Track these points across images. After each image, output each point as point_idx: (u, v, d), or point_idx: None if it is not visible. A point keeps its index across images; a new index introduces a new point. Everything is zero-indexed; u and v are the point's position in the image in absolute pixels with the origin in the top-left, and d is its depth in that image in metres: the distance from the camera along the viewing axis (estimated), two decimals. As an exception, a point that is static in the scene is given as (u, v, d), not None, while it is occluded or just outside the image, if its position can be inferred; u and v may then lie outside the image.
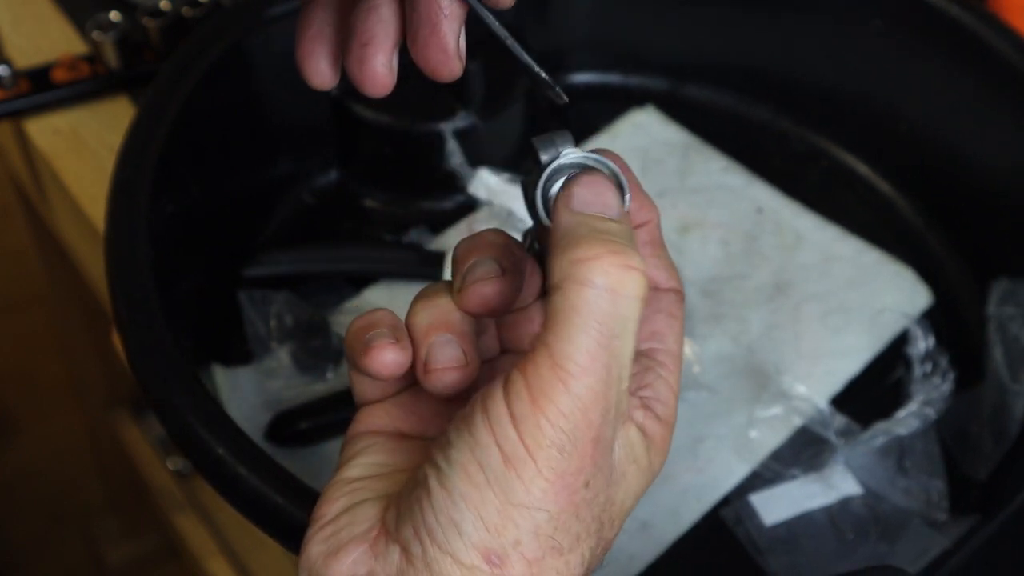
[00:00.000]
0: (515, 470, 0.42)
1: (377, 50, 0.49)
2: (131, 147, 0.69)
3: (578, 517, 0.43)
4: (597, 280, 0.42)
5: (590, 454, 0.43)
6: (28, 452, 1.56)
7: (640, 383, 0.48)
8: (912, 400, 0.68)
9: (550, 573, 0.43)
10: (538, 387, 0.42)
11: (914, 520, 0.66)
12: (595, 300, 0.42)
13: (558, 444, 0.42)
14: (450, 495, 0.43)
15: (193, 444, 0.56)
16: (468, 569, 0.42)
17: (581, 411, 0.42)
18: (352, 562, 0.44)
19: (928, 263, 0.80)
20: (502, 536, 0.42)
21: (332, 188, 0.84)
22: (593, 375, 0.42)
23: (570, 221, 0.44)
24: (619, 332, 0.43)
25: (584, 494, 0.43)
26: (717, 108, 0.89)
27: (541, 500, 0.42)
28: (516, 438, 0.42)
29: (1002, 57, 0.76)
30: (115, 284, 0.63)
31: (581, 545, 0.44)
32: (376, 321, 0.48)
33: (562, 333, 0.42)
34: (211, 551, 1.18)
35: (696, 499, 0.68)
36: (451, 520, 0.42)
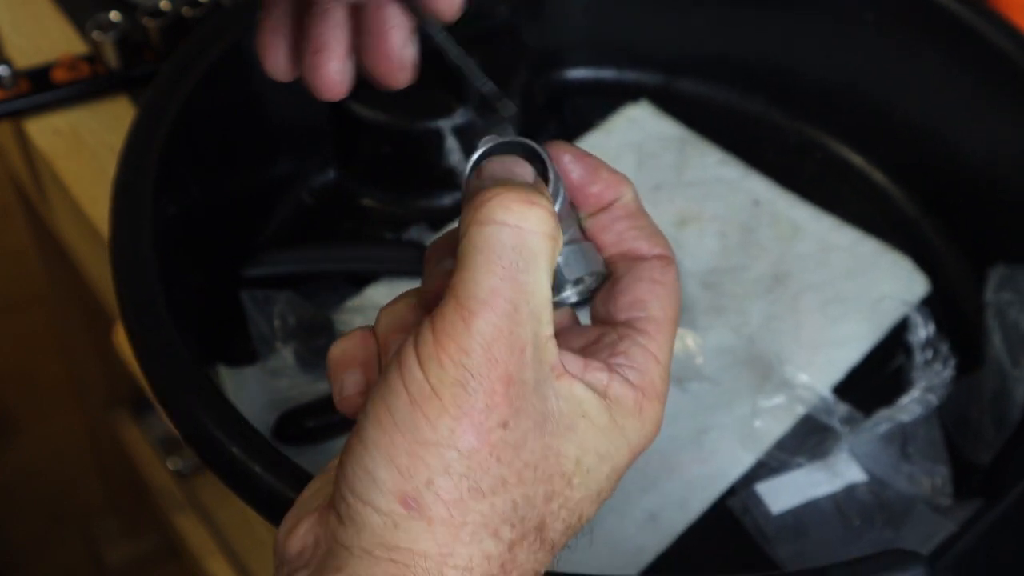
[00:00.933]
0: (420, 409, 0.42)
1: (329, 57, 0.50)
2: (133, 147, 0.69)
3: (499, 460, 0.43)
4: (497, 216, 0.43)
5: (500, 392, 0.43)
6: (28, 452, 1.56)
7: (613, 351, 0.48)
8: (914, 387, 0.69)
9: (473, 515, 0.43)
10: (441, 327, 0.43)
11: (919, 505, 0.67)
12: (496, 235, 0.43)
13: (461, 381, 0.42)
14: (363, 444, 0.43)
15: (206, 443, 0.56)
16: (387, 515, 0.43)
17: (483, 347, 0.42)
18: (303, 533, 0.45)
19: (924, 252, 0.81)
20: (414, 477, 0.42)
21: (331, 187, 0.84)
22: (495, 310, 0.43)
23: (478, 186, 0.45)
24: (525, 267, 0.43)
25: (502, 435, 0.43)
26: (711, 102, 0.90)
27: (448, 438, 0.42)
28: (422, 378, 0.42)
29: (994, 46, 0.76)
30: (121, 285, 0.63)
31: (510, 490, 0.43)
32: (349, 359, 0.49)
33: (465, 274, 0.43)
34: (211, 551, 1.18)
35: (703, 490, 0.69)
36: (365, 469, 0.43)
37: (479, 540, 0.43)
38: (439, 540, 0.43)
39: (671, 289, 0.50)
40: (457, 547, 0.43)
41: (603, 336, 0.49)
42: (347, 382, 0.49)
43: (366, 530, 0.43)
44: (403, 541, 0.43)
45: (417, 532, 0.43)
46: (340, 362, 0.49)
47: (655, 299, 0.49)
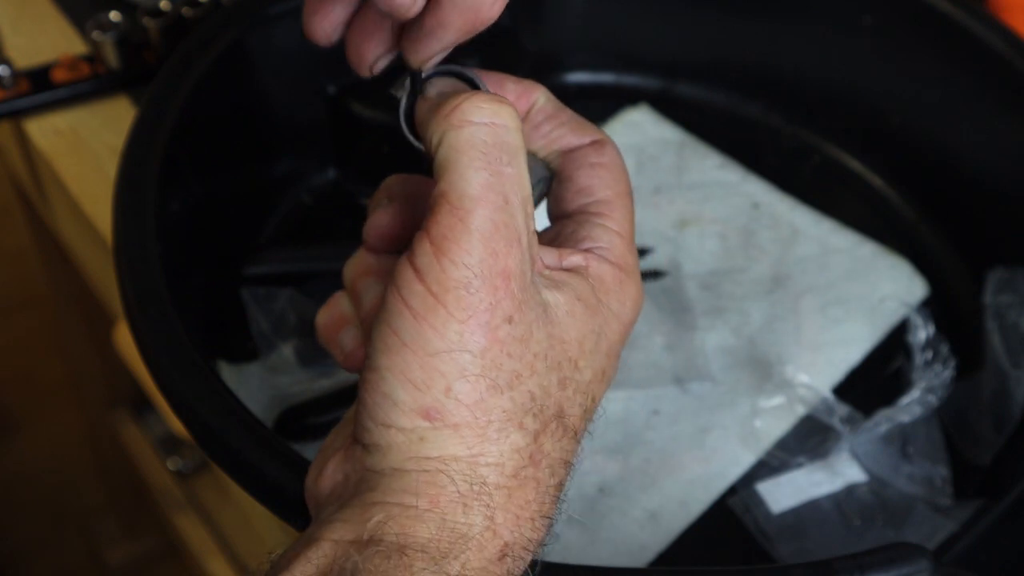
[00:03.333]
0: (426, 320, 0.43)
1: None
2: (136, 144, 0.69)
3: (510, 355, 0.44)
4: (473, 116, 0.44)
5: (503, 287, 0.43)
6: (28, 452, 1.56)
7: (577, 237, 0.49)
8: (914, 387, 0.69)
9: (496, 412, 0.44)
10: (438, 234, 0.43)
11: (919, 505, 0.67)
12: (476, 134, 0.44)
13: (464, 282, 0.43)
14: (377, 371, 0.44)
15: (210, 435, 0.56)
16: (412, 432, 0.43)
17: (483, 242, 0.43)
18: (331, 472, 0.46)
19: (923, 255, 0.81)
20: (432, 389, 0.43)
21: (331, 187, 0.84)
22: (490, 204, 0.43)
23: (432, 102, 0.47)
24: (508, 160, 0.44)
25: (509, 330, 0.43)
26: (710, 106, 0.90)
27: (459, 342, 0.43)
28: (422, 290, 0.43)
29: (992, 50, 0.77)
30: (124, 277, 0.63)
31: (525, 382, 0.44)
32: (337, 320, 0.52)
33: (452, 176, 0.43)
34: (211, 551, 1.19)
35: (704, 489, 0.69)
36: (383, 394, 0.43)
37: (506, 435, 0.44)
38: (468, 442, 0.43)
39: (612, 167, 0.50)
40: (486, 446, 0.43)
41: (561, 230, 0.49)
42: (344, 340, 0.50)
43: (393, 450, 0.43)
44: (432, 451, 0.43)
45: (444, 440, 0.43)
46: (329, 326, 0.51)
47: (598, 181, 0.50)
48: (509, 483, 0.44)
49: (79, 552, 1.53)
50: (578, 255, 0.48)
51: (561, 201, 0.51)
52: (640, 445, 0.70)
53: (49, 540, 1.54)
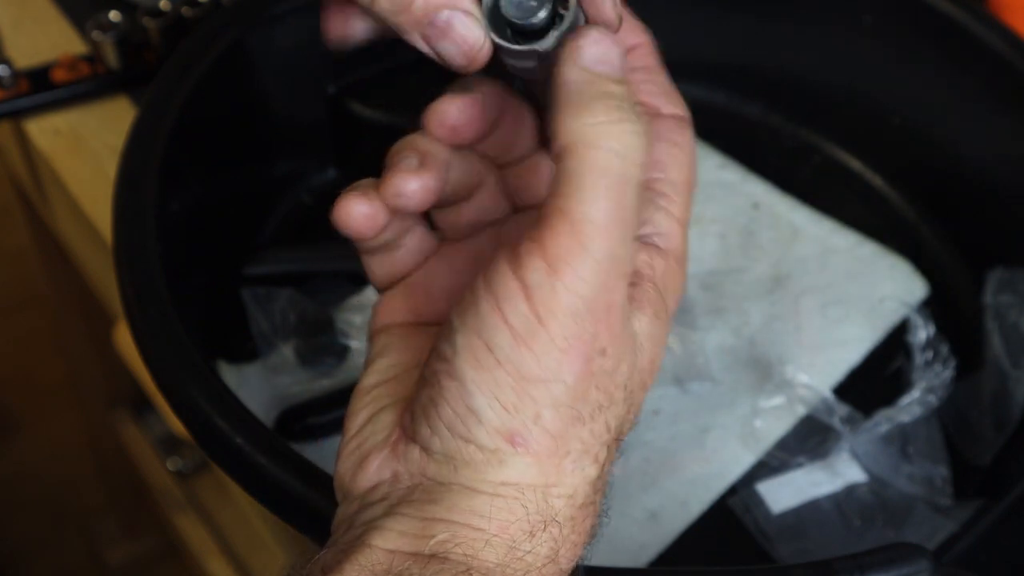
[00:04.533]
0: (526, 343, 0.41)
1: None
2: (136, 144, 0.69)
3: (598, 387, 0.43)
4: (611, 144, 0.42)
5: (604, 320, 0.42)
6: (28, 452, 1.56)
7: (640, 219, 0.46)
8: (914, 387, 0.69)
9: (575, 443, 0.43)
10: (555, 253, 0.41)
11: (919, 505, 0.67)
12: (607, 162, 0.42)
13: (572, 310, 0.41)
14: (463, 384, 0.42)
15: (210, 435, 0.56)
16: (492, 453, 0.42)
17: (600, 274, 0.41)
18: (376, 468, 0.44)
19: (923, 255, 0.81)
20: (521, 414, 0.42)
21: (331, 187, 0.84)
22: (612, 237, 0.41)
23: (579, 79, 0.43)
24: (632, 194, 0.42)
25: (601, 363, 0.42)
26: (710, 106, 0.90)
27: (556, 371, 0.41)
28: (527, 311, 0.41)
29: (992, 50, 0.77)
30: (124, 276, 0.63)
31: (604, 413, 0.43)
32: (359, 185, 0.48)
33: (577, 195, 0.41)
34: (211, 551, 1.19)
35: (704, 489, 0.69)
36: (468, 408, 0.42)
37: (582, 468, 0.43)
38: (546, 472, 0.42)
39: (688, 151, 0.48)
40: (562, 477, 0.43)
41: None
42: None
43: (468, 467, 0.42)
44: (510, 476, 0.42)
45: (524, 467, 0.42)
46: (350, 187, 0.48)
47: (674, 161, 0.48)
48: (576, 514, 0.43)
49: (79, 552, 1.53)
50: (640, 253, 0.46)
51: None
52: (640, 445, 0.70)
53: (49, 540, 1.54)
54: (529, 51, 0.46)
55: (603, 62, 0.44)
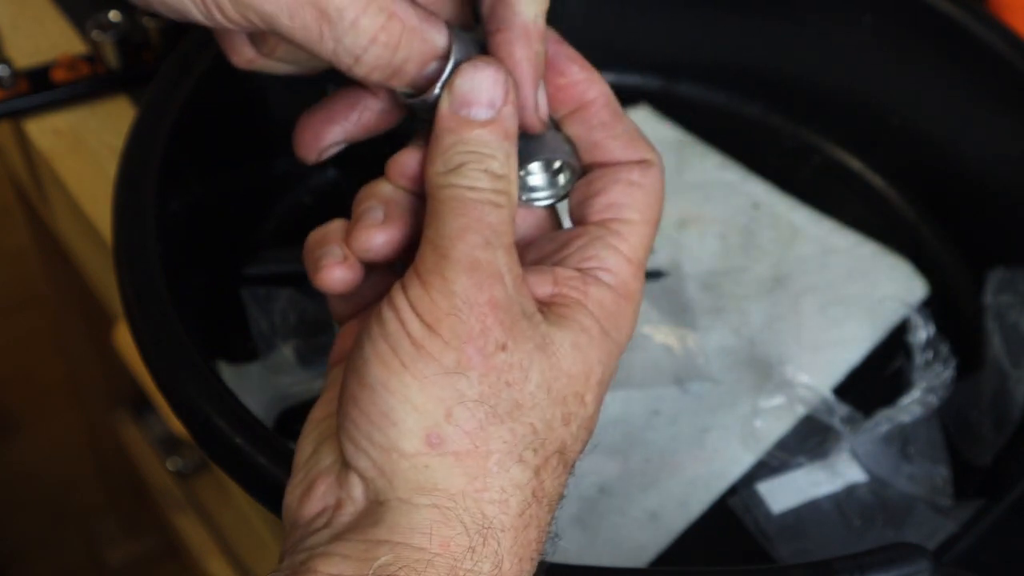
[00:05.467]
0: (423, 348, 0.43)
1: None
2: (136, 144, 0.69)
3: (508, 384, 0.44)
4: (458, 181, 0.46)
5: (491, 315, 0.44)
6: (28, 452, 1.56)
7: (584, 255, 0.49)
8: (914, 387, 0.69)
9: (495, 443, 0.43)
10: (423, 268, 0.45)
11: (919, 505, 0.67)
12: (458, 195, 0.46)
13: (453, 310, 0.44)
14: (373, 389, 0.44)
15: (210, 434, 0.56)
16: (414, 457, 0.43)
17: (465, 273, 0.44)
18: (321, 495, 0.45)
19: (923, 255, 0.81)
20: (432, 412, 0.43)
21: (330, 187, 0.84)
22: (468, 242, 0.45)
23: (443, 125, 0.47)
24: (490, 211, 0.46)
25: (504, 358, 0.44)
26: (710, 106, 0.90)
27: (456, 367, 0.43)
28: (418, 321, 0.44)
29: (992, 50, 0.77)
30: (124, 274, 0.63)
31: (526, 414, 0.44)
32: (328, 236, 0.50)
33: (437, 224, 0.45)
34: (211, 551, 1.19)
35: (704, 489, 0.69)
36: (382, 414, 0.43)
37: (506, 469, 0.44)
38: (470, 473, 0.43)
39: (649, 191, 0.50)
40: (488, 479, 0.43)
41: (574, 239, 0.49)
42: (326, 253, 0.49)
43: (398, 478, 0.43)
44: (439, 482, 0.43)
45: (447, 469, 0.43)
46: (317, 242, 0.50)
47: (630, 201, 0.49)
48: (515, 523, 0.44)
49: (79, 552, 1.53)
50: (578, 281, 0.48)
51: (585, 208, 0.50)
52: (640, 445, 0.70)
53: (49, 540, 1.54)
54: (420, 102, 0.49)
55: (472, 103, 0.47)
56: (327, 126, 0.53)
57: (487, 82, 0.47)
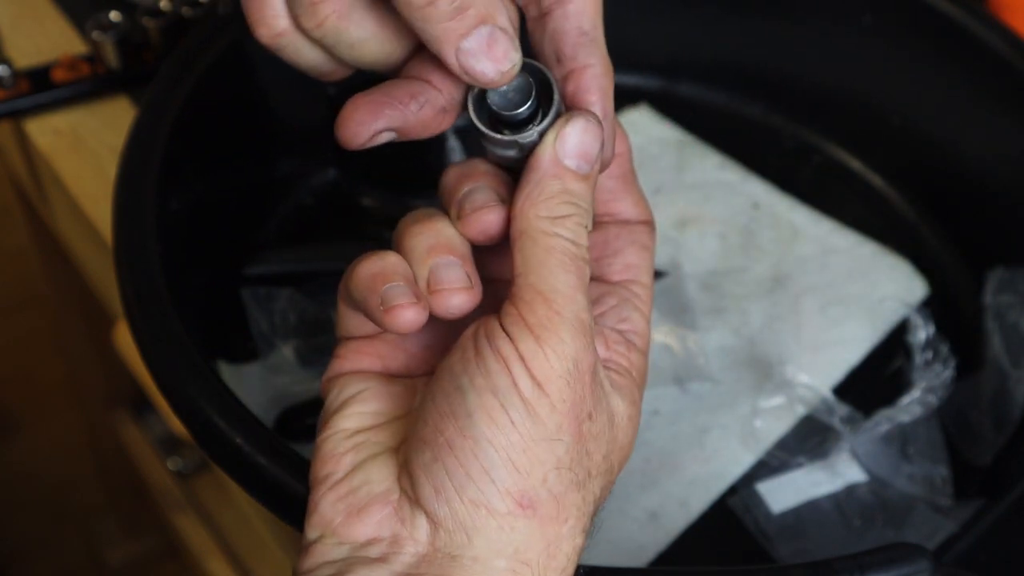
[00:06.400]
0: (533, 408, 0.43)
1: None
2: (136, 144, 0.69)
3: (588, 452, 0.44)
4: (563, 232, 0.46)
5: (589, 383, 0.44)
6: (28, 452, 1.56)
7: (620, 317, 0.50)
8: (914, 387, 0.69)
9: (571, 510, 0.44)
10: (536, 323, 0.44)
11: (919, 505, 0.67)
12: (563, 246, 0.45)
13: (565, 374, 0.43)
14: (476, 443, 0.43)
15: (210, 434, 0.56)
16: (503, 517, 0.43)
17: (576, 338, 0.44)
18: (376, 523, 0.44)
19: (923, 255, 0.81)
20: (532, 476, 0.43)
21: (330, 187, 0.84)
22: (577, 304, 0.45)
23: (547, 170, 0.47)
24: (584, 269, 0.46)
25: (589, 427, 0.44)
26: (710, 106, 0.90)
27: (557, 432, 0.43)
28: (529, 378, 0.43)
29: (992, 50, 0.77)
30: (126, 281, 0.63)
31: (593, 482, 0.45)
32: (390, 272, 0.47)
33: (544, 272, 0.45)
34: (211, 551, 1.19)
35: (704, 489, 0.69)
36: (482, 469, 0.43)
37: (575, 536, 0.44)
38: (548, 538, 0.43)
39: (652, 255, 0.52)
40: (560, 545, 0.44)
41: (606, 296, 0.51)
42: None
43: (480, 536, 0.43)
44: (519, 545, 0.43)
45: (530, 534, 0.43)
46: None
47: (643, 264, 0.51)
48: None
49: (79, 552, 1.53)
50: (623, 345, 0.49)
51: (604, 267, 0.51)
52: (640, 445, 0.70)
53: (49, 540, 1.54)
54: (511, 141, 0.49)
55: (578, 156, 0.47)
56: (383, 109, 0.49)
57: (595, 138, 0.47)
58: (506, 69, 0.46)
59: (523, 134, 0.48)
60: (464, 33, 0.45)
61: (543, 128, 0.48)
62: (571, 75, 0.50)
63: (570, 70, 0.50)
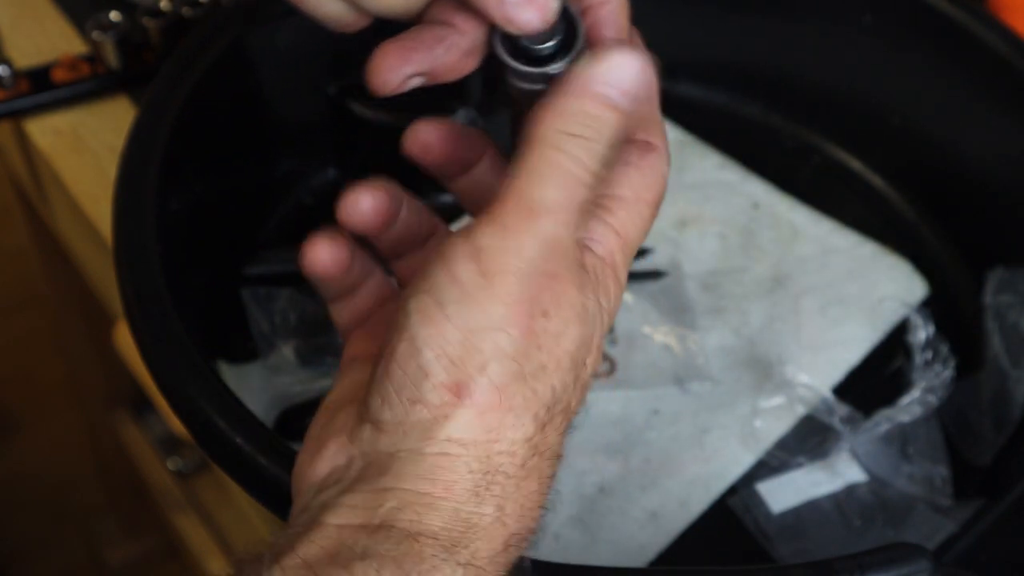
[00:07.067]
0: (472, 297, 0.43)
1: None
2: (136, 144, 0.69)
3: (540, 347, 0.44)
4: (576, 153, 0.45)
5: (547, 287, 0.44)
6: (28, 452, 1.56)
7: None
8: (914, 387, 0.69)
9: (517, 399, 0.44)
10: (505, 222, 0.44)
11: (919, 505, 0.67)
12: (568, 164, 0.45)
13: (517, 270, 0.44)
14: (412, 343, 0.44)
15: (210, 434, 0.56)
16: (438, 408, 0.43)
17: (543, 245, 0.44)
18: (331, 455, 0.46)
19: (923, 255, 0.81)
20: (468, 364, 0.43)
21: (330, 187, 0.84)
22: (559, 222, 0.44)
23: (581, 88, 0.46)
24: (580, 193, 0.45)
25: (544, 324, 0.44)
26: (710, 106, 0.90)
27: (500, 322, 0.43)
28: (475, 269, 0.44)
29: (991, 50, 0.77)
30: (126, 281, 0.63)
31: (549, 376, 0.45)
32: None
33: (535, 180, 0.45)
34: (211, 551, 1.19)
35: (704, 489, 0.69)
36: (418, 366, 0.43)
37: (521, 424, 0.44)
38: (488, 426, 0.44)
39: (647, 172, 0.50)
40: (503, 431, 0.44)
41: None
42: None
43: (415, 429, 0.43)
44: (452, 431, 0.43)
45: (467, 420, 0.43)
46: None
47: (622, 178, 0.49)
48: (518, 473, 0.44)
49: (79, 552, 1.53)
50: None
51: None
52: (640, 445, 0.71)
53: (49, 540, 1.54)
54: (539, 74, 0.48)
55: (609, 84, 0.46)
56: (411, 54, 0.50)
57: (636, 74, 0.47)
58: (549, 15, 0.47)
59: (551, 67, 0.48)
60: None
61: (570, 60, 0.48)
62: (588, 11, 0.50)
63: (587, 5, 0.50)
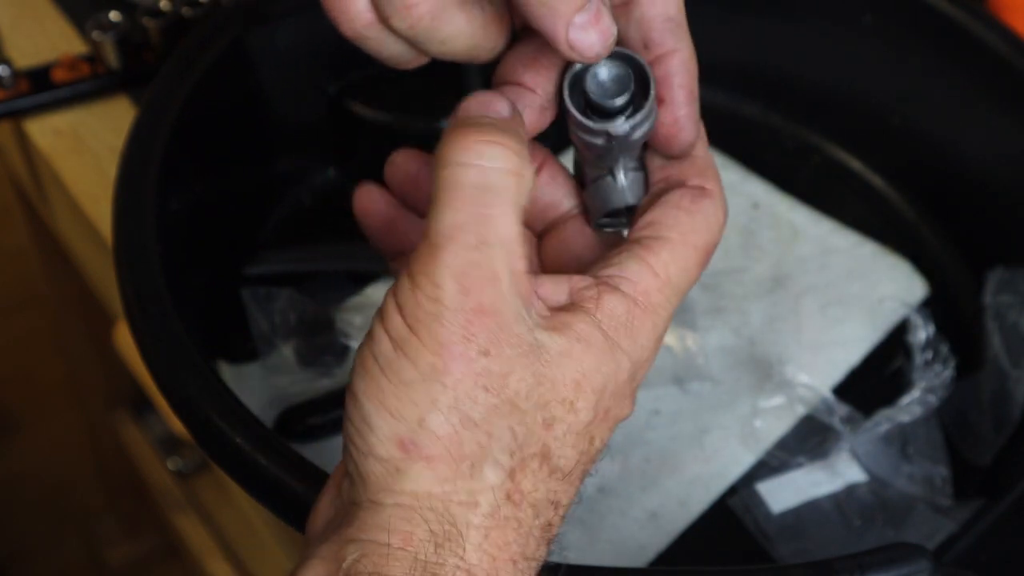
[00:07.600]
0: (401, 350, 0.43)
1: None
2: (136, 144, 0.69)
3: (486, 389, 0.43)
4: (457, 157, 0.44)
5: (476, 322, 0.43)
6: (28, 452, 1.56)
7: (607, 264, 0.47)
8: (914, 387, 0.69)
9: (470, 447, 0.43)
10: (414, 268, 0.44)
11: (919, 505, 0.67)
12: (456, 175, 0.44)
13: (435, 314, 0.43)
14: (356, 398, 0.44)
15: (209, 434, 0.56)
16: (387, 462, 0.43)
17: (454, 279, 0.43)
18: (324, 508, 0.47)
19: (923, 255, 0.81)
20: (406, 418, 0.43)
21: (330, 187, 0.84)
22: (461, 243, 0.43)
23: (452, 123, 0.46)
24: (489, 203, 0.44)
25: (485, 364, 0.43)
26: (709, 106, 0.88)
27: (431, 373, 0.43)
28: (400, 321, 0.43)
29: (991, 49, 0.77)
30: (126, 281, 0.63)
31: (505, 418, 0.44)
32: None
33: (432, 212, 0.44)
34: (211, 551, 1.19)
35: (704, 489, 0.69)
36: (362, 419, 0.44)
37: (479, 472, 0.44)
38: (440, 477, 0.43)
39: (698, 218, 0.49)
40: (459, 482, 0.43)
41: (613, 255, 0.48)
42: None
43: (370, 481, 0.44)
44: (407, 484, 0.43)
45: (417, 473, 0.43)
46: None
47: (673, 223, 0.48)
48: (486, 523, 0.44)
49: (79, 552, 1.53)
50: (591, 288, 0.47)
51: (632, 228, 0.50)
52: (640, 445, 0.71)
53: (49, 540, 1.54)
54: (600, 130, 0.48)
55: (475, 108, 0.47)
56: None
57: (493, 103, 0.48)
58: (610, 42, 0.47)
59: (614, 123, 0.48)
60: (579, 7, 0.46)
61: (636, 121, 0.48)
62: (659, 60, 0.50)
63: (657, 55, 0.50)
